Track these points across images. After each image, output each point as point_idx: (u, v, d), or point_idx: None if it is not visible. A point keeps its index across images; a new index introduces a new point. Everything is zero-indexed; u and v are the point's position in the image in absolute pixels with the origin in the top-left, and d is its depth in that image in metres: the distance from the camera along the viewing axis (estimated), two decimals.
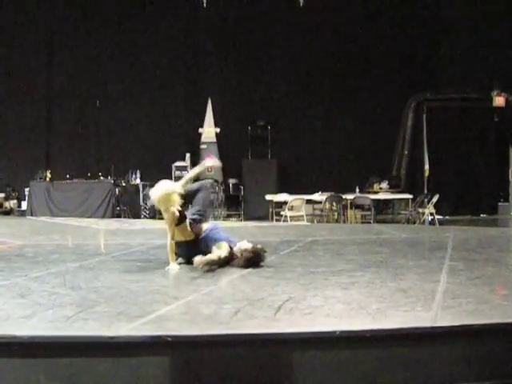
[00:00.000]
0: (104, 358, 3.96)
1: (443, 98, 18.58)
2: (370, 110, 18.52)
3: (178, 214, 6.73)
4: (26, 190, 17.59)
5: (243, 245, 6.85)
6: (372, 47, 18.63)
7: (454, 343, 4.14)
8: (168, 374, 3.97)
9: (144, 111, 18.76)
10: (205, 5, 18.12)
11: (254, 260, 6.76)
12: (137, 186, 17.46)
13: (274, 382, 4.00)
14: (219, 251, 6.69)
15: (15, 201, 18.22)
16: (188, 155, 18.27)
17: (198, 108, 18.55)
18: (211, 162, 6.76)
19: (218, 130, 18.42)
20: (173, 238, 6.80)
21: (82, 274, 6.56)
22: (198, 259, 6.27)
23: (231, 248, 6.83)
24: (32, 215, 16.78)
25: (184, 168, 18.10)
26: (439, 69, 19.06)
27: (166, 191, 6.81)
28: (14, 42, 18.53)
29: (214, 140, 18.42)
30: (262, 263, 6.89)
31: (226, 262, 6.75)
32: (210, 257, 6.47)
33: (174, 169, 18.09)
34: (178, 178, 17.93)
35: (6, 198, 18.07)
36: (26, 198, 17.59)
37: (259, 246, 6.90)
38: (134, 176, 17.67)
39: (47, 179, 17.51)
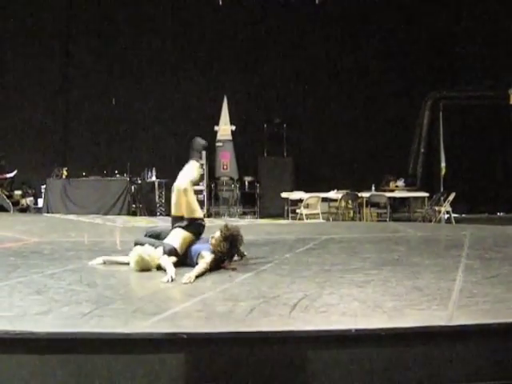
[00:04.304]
0: (120, 354, 3.98)
1: (460, 95, 18.47)
2: (387, 108, 18.43)
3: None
4: (43, 187, 17.65)
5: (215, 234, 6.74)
6: (388, 44, 18.55)
7: (470, 342, 4.12)
8: (183, 370, 3.97)
9: (160, 109, 18.77)
10: (220, 2, 18.12)
11: (231, 239, 6.61)
12: (153, 183, 17.49)
13: (289, 379, 4.00)
14: (204, 260, 6.55)
15: (32, 198, 18.28)
16: (204, 153, 18.23)
17: (214, 105, 18.55)
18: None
19: (234, 127, 18.40)
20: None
21: (98, 271, 6.59)
22: (187, 276, 6.09)
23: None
24: (48, 212, 16.84)
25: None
26: (456, 66, 18.96)
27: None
28: (29, 40, 18.59)
29: (230, 138, 18.41)
30: (241, 247, 6.86)
31: (216, 266, 6.64)
32: (197, 270, 6.34)
33: None
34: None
35: (23, 196, 18.13)
36: (43, 195, 17.65)
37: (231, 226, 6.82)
38: (149, 173, 17.69)
39: (63, 176, 17.56)
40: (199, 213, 7.18)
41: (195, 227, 6.97)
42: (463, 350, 4.09)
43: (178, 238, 6.85)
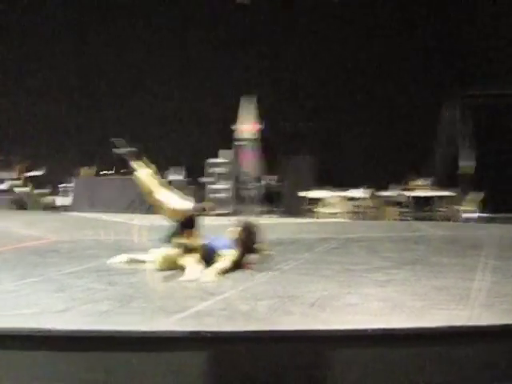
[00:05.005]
0: (142, 352, 4.01)
1: (483, 94, 18.32)
2: (409, 107, 18.33)
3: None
4: (69, 185, 17.82)
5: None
6: (411, 41, 18.43)
7: (491, 342, 4.12)
8: (206, 368, 4.01)
9: (178, 108, 18.78)
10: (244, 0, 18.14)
11: (246, 228, 6.70)
12: (171, 182, 17.54)
13: (309, 377, 4.02)
14: (223, 258, 6.54)
15: (58, 196, 18.42)
16: (223, 152, 18.30)
17: (234, 104, 18.53)
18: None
19: (257, 126, 18.40)
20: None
21: (118, 269, 6.63)
22: (206, 273, 6.13)
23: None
24: (74, 211, 16.96)
25: (217, 165, 18.13)
26: (479, 64, 18.81)
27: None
28: (52, 39, 18.72)
29: (252, 136, 18.41)
30: (258, 243, 6.82)
31: (237, 266, 6.64)
32: (216, 267, 6.34)
33: (207, 165, 18.13)
34: (210, 175, 18.08)
35: (50, 194, 18.31)
36: (69, 193, 17.82)
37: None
38: (174, 172, 17.79)
39: (90, 175, 17.74)
40: (182, 208, 6.81)
41: (188, 222, 6.83)
42: (483, 350, 4.09)
43: (186, 235, 6.85)
